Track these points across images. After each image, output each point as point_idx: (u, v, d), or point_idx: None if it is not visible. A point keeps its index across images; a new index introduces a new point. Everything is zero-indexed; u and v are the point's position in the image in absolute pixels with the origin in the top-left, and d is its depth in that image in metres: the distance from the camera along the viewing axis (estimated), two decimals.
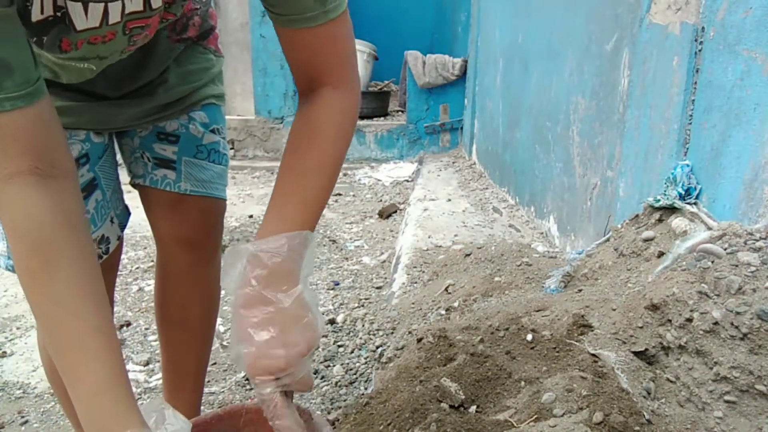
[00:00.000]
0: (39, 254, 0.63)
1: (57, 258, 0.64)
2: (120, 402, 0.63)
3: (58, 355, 0.64)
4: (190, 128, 1.11)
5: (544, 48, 2.78)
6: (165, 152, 1.10)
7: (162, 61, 1.03)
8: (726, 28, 1.25)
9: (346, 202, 3.97)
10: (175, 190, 1.10)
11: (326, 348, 1.80)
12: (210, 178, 1.13)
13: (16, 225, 0.63)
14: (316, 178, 0.78)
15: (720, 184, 1.28)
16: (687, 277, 1.07)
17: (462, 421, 0.93)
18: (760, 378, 0.91)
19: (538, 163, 2.82)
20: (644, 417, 0.89)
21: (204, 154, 1.12)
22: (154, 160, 1.10)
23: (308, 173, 0.78)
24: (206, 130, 1.13)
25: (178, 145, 1.10)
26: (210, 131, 1.13)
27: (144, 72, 1.01)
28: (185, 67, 1.09)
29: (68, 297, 0.63)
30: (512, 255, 2.04)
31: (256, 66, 5.40)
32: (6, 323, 2.10)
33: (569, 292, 1.40)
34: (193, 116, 1.11)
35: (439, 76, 5.01)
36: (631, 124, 1.71)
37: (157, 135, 1.09)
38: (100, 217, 1.04)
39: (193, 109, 1.11)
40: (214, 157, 1.14)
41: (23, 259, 0.64)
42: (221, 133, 1.16)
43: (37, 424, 1.52)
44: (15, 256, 0.64)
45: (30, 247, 0.63)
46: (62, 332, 0.63)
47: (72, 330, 0.63)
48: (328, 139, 0.79)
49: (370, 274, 2.51)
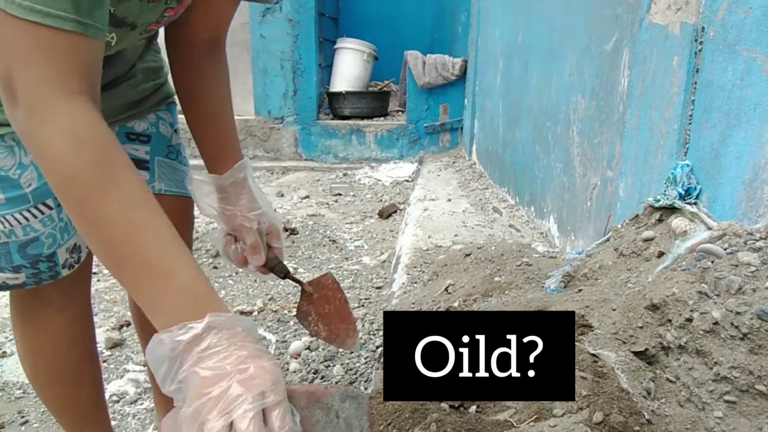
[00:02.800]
0: (105, 163, 0.63)
1: (123, 167, 0.65)
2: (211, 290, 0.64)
3: (139, 256, 0.62)
4: (159, 128, 1.11)
5: (544, 48, 2.78)
6: (137, 152, 1.08)
7: (131, 57, 1.03)
8: (726, 28, 1.25)
9: (346, 202, 3.97)
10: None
11: (326, 348, 1.80)
12: (181, 177, 1.14)
13: (78, 136, 0.63)
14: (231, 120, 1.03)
15: (720, 184, 1.28)
16: (687, 277, 1.07)
17: (462, 421, 0.93)
18: (760, 378, 0.91)
19: (538, 163, 2.82)
20: (644, 417, 0.89)
21: (174, 155, 1.13)
22: None
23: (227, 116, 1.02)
24: (173, 131, 1.14)
25: (150, 144, 1.09)
26: (174, 131, 1.15)
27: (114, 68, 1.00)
28: (147, 64, 1.09)
29: (140, 201, 0.64)
30: (512, 255, 2.04)
31: (256, 66, 5.40)
32: (6, 323, 2.09)
33: (569, 292, 1.40)
34: (161, 115, 1.11)
35: (439, 76, 5.01)
36: (631, 124, 1.71)
37: (126, 135, 1.07)
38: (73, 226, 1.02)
39: (159, 108, 1.11)
40: (181, 159, 1.16)
41: (87, 169, 0.63)
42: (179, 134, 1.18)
43: (37, 424, 1.52)
44: (73, 167, 0.62)
45: (95, 157, 0.63)
46: (145, 231, 0.63)
47: (157, 227, 0.64)
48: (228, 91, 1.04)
49: (370, 274, 2.51)
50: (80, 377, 1.08)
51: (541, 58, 2.85)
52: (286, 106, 5.49)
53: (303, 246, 2.92)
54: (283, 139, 5.53)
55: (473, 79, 4.67)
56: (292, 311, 2.08)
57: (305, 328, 1.01)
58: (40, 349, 1.04)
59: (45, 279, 0.96)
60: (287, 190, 4.23)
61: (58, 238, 0.95)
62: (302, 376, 1.65)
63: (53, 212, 0.93)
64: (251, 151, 5.53)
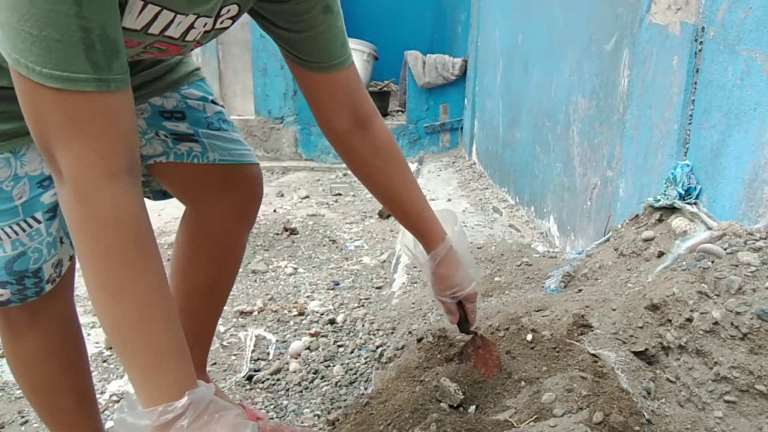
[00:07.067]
0: (140, 247, 0.67)
1: (153, 251, 0.69)
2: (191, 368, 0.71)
3: (148, 333, 0.68)
4: (189, 103, 1.09)
5: (544, 48, 2.78)
6: (179, 128, 1.08)
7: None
8: (726, 28, 1.25)
9: (346, 202, 3.97)
10: (205, 161, 1.09)
11: (326, 348, 1.80)
12: (233, 145, 1.13)
13: (119, 219, 0.66)
14: (417, 187, 1.05)
15: (720, 184, 1.28)
16: (687, 277, 1.07)
17: (462, 420, 0.93)
18: (760, 378, 0.91)
19: (538, 163, 2.82)
20: (644, 417, 0.89)
21: (215, 125, 1.12)
22: (172, 135, 1.07)
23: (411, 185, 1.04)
24: (206, 102, 1.12)
25: (187, 120, 1.08)
26: (211, 102, 1.13)
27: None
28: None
29: (160, 285, 0.69)
30: (512, 255, 2.04)
31: (256, 66, 5.40)
32: None
33: (569, 292, 1.40)
34: (184, 93, 1.09)
35: (439, 76, 5.01)
36: (631, 124, 1.71)
37: (160, 114, 1.07)
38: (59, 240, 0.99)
39: (180, 87, 1.09)
40: (227, 125, 1.14)
41: (124, 252, 0.66)
42: (219, 103, 1.16)
43: (37, 424, 1.52)
44: (109, 248, 0.66)
45: (133, 240, 0.67)
46: (158, 315, 0.68)
47: (166, 313, 0.69)
48: (402, 157, 1.04)
49: (370, 274, 2.51)
50: (58, 387, 1.06)
51: (541, 58, 2.85)
52: (286, 106, 5.48)
53: (303, 246, 2.92)
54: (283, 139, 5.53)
55: (473, 79, 4.67)
56: (292, 311, 2.09)
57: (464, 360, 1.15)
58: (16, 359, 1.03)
59: (30, 296, 0.94)
60: (287, 190, 4.23)
61: (45, 254, 0.93)
62: (302, 376, 1.65)
63: (41, 226, 0.91)
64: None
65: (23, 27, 0.58)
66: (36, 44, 0.58)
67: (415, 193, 1.04)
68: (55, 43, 0.59)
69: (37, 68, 0.59)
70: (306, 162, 5.44)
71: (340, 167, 5.16)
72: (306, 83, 0.94)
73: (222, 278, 1.28)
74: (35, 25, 0.58)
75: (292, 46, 0.91)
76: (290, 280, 2.46)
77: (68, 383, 1.07)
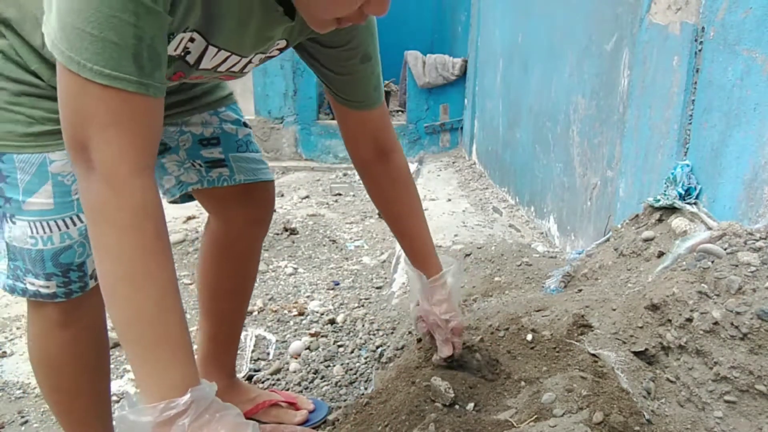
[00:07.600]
0: (162, 238, 0.72)
1: (169, 245, 0.74)
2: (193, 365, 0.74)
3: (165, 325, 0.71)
4: (224, 128, 1.22)
5: (544, 48, 2.78)
6: (212, 154, 1.22)
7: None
8: (726, 28, 1.25)
9: (346, 202, 3.97)
10: (232, 183, 1.24)
11: (326, 348, 1.80)
12: (256, 165, 1.27)
13: (147, 210, 0.71)
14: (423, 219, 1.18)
15: (720, 184, 1.28)
16: (687, 277, 1.07)
17: (461, 420, 0.93)
18: (760, 378, 0.91)
19: (538, 163, 2.82)
20: (644, 417, 0.89)
21: (244, 147, 1.25)
22: (207, 164, 1.22)
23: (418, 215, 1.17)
24: (238, 126, 1.25)
25: (221, 146, 1.22)
26: (242, 125, 1.26)
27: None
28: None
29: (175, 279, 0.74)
30: (512, 255, 2.04)
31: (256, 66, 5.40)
32: (6, 323, 2.09)
33: (569, 292, 1.40)
34: (223, 117, 1.22)
35: (439, 76, 5.01)
36: (631, 124, 1.71)
37: (199, 142, 1.20)
38: None
39: (218, 109, 1.21)
40: (252, 147, 1.28)
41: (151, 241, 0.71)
42: (249, 126, 1.30)
43: (37, 424, 1.52)
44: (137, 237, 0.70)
45: (155, 231, 0.71)
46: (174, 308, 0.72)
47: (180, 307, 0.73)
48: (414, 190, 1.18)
49: (370, 274, 2.51)
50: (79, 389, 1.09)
51: (541, 58, 2.85)
52: (286, 106, 5.48)
53: (303, 246, 2.92)
54: (283, 139, 5.53)
55: (473, 79, 4.67)
56: (292, 311, 2.09)
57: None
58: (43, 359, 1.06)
59: (75, 290, 0.98)
60: (287, 190, 4.23)
61: (88, 248, 0.97)
62: (302, 376, 1.65)
63: None
64: None
65: (85, 27, 0.65)
66: (93, 44, 0.66)
67: (421, 224, 1.17)
68: (110, 45, 0.66)
69: (88, 65, 0.66)
70: (306, 162, 5.44)
71: (340, 167, 5.16)
72: (341, 115, 1.10)
73: (244, 280, 1.40)
74: (97, 27, 0.65)
75: (331, 83, 1.05)
76: (290, 280, 2.46)
77: (89, 385, 1.11)
